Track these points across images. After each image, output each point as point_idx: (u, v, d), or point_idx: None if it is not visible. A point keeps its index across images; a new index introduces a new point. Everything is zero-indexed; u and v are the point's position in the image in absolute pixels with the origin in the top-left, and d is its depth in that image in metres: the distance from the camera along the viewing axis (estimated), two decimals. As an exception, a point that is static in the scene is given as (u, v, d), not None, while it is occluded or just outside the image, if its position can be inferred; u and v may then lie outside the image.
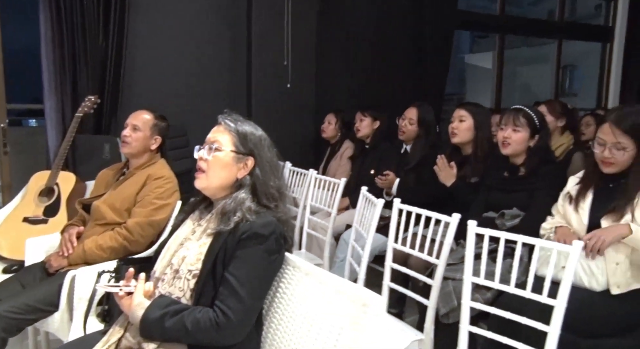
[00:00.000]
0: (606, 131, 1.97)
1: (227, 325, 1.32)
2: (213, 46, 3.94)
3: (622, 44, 5.81)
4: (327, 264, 2.83)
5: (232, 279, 1.35)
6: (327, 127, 3.80)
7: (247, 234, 1.37)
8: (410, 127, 3.09)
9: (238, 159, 1.48)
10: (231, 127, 1.49)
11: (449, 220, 1.95)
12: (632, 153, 1.94)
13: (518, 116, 2.35)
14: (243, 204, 1.42)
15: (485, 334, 1.81)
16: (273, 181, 1.49)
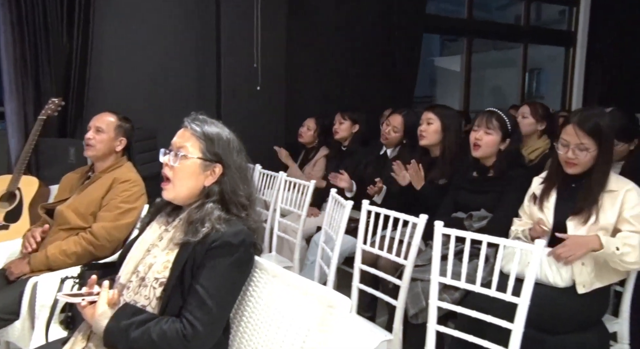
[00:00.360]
0: (570, 132, 2.02)
1: (194, 337, 1.28)
2: (182, 48, 3.90)
3: (584, 48, 5.99)
4: (297, 266, 2.82)
5: (200, 290, 1.31)
6: (305, 133, 3.73)
7: (217, 244, 1.34)
8: (395, 134, 3.10)
9: (205, 166, 1.43)
10: (198, 132, 1.44)
11: (417, 221, 1.97)
12: (594, 154, 1.99)
13: (491, 118, 2.37)
14: (211, 214, 1.38)
15: (452, 333, 1.83)
16: (242, 188, 1.45)
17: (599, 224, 1.97)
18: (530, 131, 3.06)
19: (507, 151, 2.37)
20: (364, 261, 2.33)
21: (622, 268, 1.94)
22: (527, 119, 3.07)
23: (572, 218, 2.01)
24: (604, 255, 1.90)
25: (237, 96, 3.92)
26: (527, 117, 3.08)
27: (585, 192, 2.00)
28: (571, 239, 1.94)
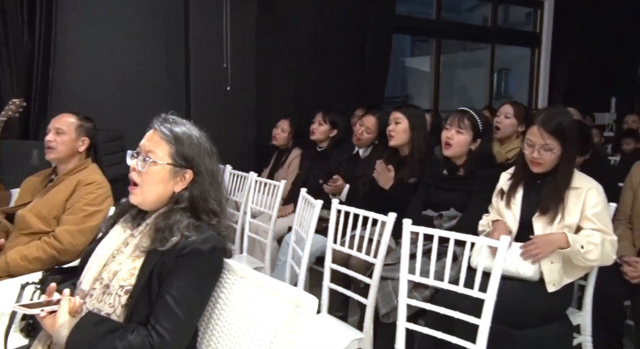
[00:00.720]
0: (534, 132, 2.06)
1: (161, 346, 1.24)
2: (149, 47, 3.84)
3: (548, 48, 6.14)
4: (268, 267, 2.81)
5: (169, 299, 1.27)
6: (279, 134, 3.68)
7: (186, 251, 1.30)
8: (368, 135, 3.11)
9: (175, 172, 1.38)
10: (167, 135, 1.38)
11: (386, 219, 1.98)
12: (558, 154, 2.04)
13: (463, 118, 2.38)
14: (180, 222, 1.34)
15: (421, 330, 1.85)
16: (213, 194, 1.41)
17: (564, 222, 2.02)
18: (511, 132, 2.99)
19: (478, 151, 2.39)
20: (335, 260, 2.33)
21: (584, 264, 2.00)
22: (509, 120, 2.99)
23: (538, 217, 2.06)
24: (570, 253, 1.95)
25: (206, 96, 3.88)
26: (510, 117, 2.99)
27: (551, 190, 2.05)
28: (540, 236, 1.99)
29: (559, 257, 1.99)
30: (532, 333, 1.92)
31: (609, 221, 2.06)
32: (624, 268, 2.27)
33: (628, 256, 2.30)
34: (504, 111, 3.01)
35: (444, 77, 5.97)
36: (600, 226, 2.00)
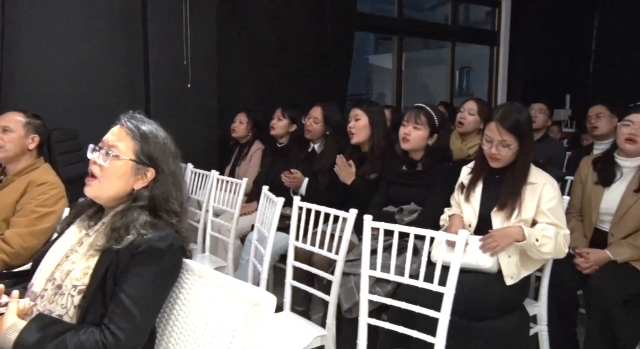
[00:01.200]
0: (493, 129, 2.11)
1: (115, 346, 1.22)
2: (106, 43, 3.72)
3: (506, 47, 6.28)
4: (231, 266, 2.78)
5: (124, 297, 1.24)
6: (238, 127, 3.70)
7: (142, 249, 1.28)
8: (316, 126, 3.10)
9: (137, 169, 1.36)
10: (133, 132, 1.36)
11: (347, 216, 1.99)
12: (515, 150, 2.10)
13: (419, 114, 2.43)
14: (137, 220, 1.31)
15: (383, 325, 1.86)
16: (175, 195, 1.39)
17: (521, 217, 2.07)
18: (474, 128, 3.02)
19: (435, 145, 2.44)
20: (298, 257, 2.32)
21: (539, 257, 2.06)
22: (473, 116, 3.01)
23: (496, 212, 2.11)
24: (526, 246, 2.01)
25: (167, 93, 3.80)
26: (474, 114, 3.01)
27: (509, 186, 2.10)
28: (497, 230, 2.04)
29: (516, 250, 2.05)
30: (491, 325, 1.96)
31: (563, 216, 2.12)
32: (576, 259, 2.35)
33: (580, 247, 2.38)
34: (468, 107, 3.03)
35: (408, 74, 6.03)
36: (555, 220, 2.06)
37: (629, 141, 2.33)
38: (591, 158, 2.55)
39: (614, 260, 2.29)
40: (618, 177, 2.39)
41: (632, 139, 2.32)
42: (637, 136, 2.31)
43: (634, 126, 2.32)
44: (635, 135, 2.31)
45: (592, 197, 2.43)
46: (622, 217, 2.34)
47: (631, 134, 2.32)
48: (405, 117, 2.47)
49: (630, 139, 2.32)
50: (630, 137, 2.32)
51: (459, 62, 6.58)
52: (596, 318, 2.20)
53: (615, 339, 2.18)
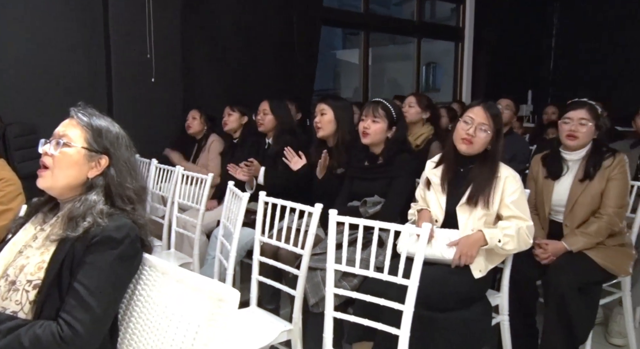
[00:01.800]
0: (477, 111, 2.17)
1: (74, 339, 1.19)
2: (65, 36, 3.61)
3: (471, 43, 6.40)
4: (196, 262, 2.76)
5: (80, 288, 1.23)
6: (192, 123, 3.70)
7: (98, 239, 1.26)
8: (266, 117, 3.15)
9: (90, 156, 1.35)
10: (84, 121, 1.36)
11: (312, 210, 1.99)
12: (489, 138, 2.15)
13: (377, 108, 2.48)
14: (94, 207, 1.30)
15: (348, 318, 1.88)
16: (130, 182, 1.39)
17: (487, 211, 2.12)
18: (416, 119, 3.32)
19: (395, 138, 2.50)
20: (265, 253, 2.32)
21: (504, 254, 2.14)
22: (413, 108, 3.33)
23: (462, 206, 2.15)
24: (489, 248, 2.09)
25: (130, 88, 3.72)
26: (414, 106, 3.34)
27: (476, 179, 2.14)
28: (462, 241, 2.08)
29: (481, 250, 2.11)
30: (455, 316, 2.00)
31: (526, 207, 2.18)
32: (535, 251, 2.42)
33: (539, 239, 2.46)
34: (408, 101, 3.39)
35: (375, 70, 6.08)
36: (518, 213, 2.12)
37: (570, 137, 2.43)
38: (540, 156, 2.64)
39: (570, 250, 2.37)
40: (565, 171, 2.49)
41: (573, 135, 2.42)
42: (577, 132, 2.41)
43: (572, 122, 2.42)
44: (575, 131, 2.41)
45: (544, 191, 2.53)
46: (572, 207, 2.44)
47: (571, 130, 2.41)
48: (364, 112, 2.52)
49: (571, 135, 2.42)
50: (570, 133, 2.42)
51: (425, 58, 6.67)
52: (553, 306, 2.27)
53: (571, 326, 2.26)
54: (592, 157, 2.44)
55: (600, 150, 2.45)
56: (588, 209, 2.42)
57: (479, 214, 2.13)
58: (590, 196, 2.41)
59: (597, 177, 2.41)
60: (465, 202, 2.14)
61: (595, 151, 2.45)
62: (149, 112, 3.78)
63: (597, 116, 2.43)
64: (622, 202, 2.44)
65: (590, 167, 2.42)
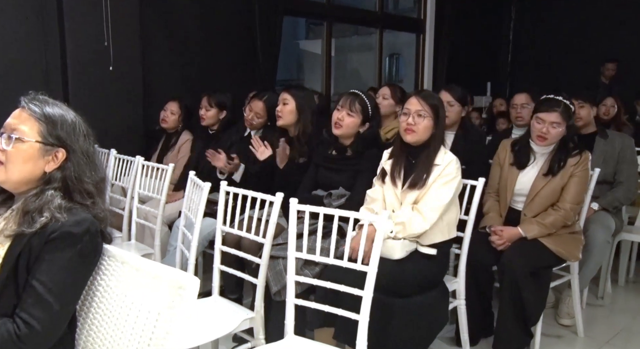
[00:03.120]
0: (412, 101, 2.22)
1: (31, 337, 1.17)
2: (16, 24, 3.46)
3: (432, 35, 6.49)
4: (158, 253, 2.74)
5: (38, 286, 1.20)
6: (168, 117, 3.56)
7: (56, 234, 1.22)
8: (258, 120, 3.10)
9: (46, 150, 1.30)
10: (37, 113, 1.29)
11: (273, 199, 2.01)
12: (430, 124, 2.18)
13: (355, 101, 2.45)
14: (51, 202, 1.26)
15: (309, 305, 1.91)
16: (89, 175, 1.34)
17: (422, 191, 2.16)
18: (389, 112, 3.18)
19: (366, 134, 2.48)
20: (227, 242, 2.33)
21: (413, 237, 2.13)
22: (387, 101, 3.19)
23: (404, 190, 2.20)
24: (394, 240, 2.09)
25: (87, 76, 3.61)
26: (388, 98, 3.19)
27: (419, 165, 2.19)
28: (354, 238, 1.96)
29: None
30: (412, 301, 2.06)
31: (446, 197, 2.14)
32: (491, 237, 2.51)
33: (495, 225, 2.54)
34: (382, 92, 3.23)
35: (338, 60, 6.09)
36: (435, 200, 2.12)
37: (540, 138, 2.49)
38: (510, 141, 2.71)
39: (524, 237, 2.46)
40: (532, 161, 2.57)
41: (543, 136, 2.49)
42: (547, 134, 2.47)
43: (544, 124, 2.48)
44: (545, 133, 2.47)
45: (508, 179, 2.60)
46: (533, 198, 2.52)
47: (542, 132, 2.48)
48: (340, 102, 2.48)
49: (541, 136, 2.49)
50: (541, 134, 2.49)
51: (389, 49, 6.73)
52: (507, 290, 2.37)
53: (524, 308, 2.36)
54: (558, 153, 2.51)
55: (567, 146, 2.51)
56: (547, 202, 2.51)
57: (416, 193, 2.16)
58: (552, 190, 2.49)
59: (560, 173, 2.48)
60: (409, 186, 2.17)
61: (563, 147, 2.51)
62: (108, 102, 3.68)
63: (570, 116, 2.48)
64: (580, 199, 2.54)
65: (555, 164, 2.49)
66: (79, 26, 3.54)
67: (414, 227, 2.10)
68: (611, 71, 5.79)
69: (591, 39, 6.45)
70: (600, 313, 3.10)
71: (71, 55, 3.54)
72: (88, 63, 3.60)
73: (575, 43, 6.62)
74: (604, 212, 2.98)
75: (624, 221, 3.23)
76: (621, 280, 3.49)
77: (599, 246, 2.85)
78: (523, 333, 2.44)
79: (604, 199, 2.98)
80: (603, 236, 2.87)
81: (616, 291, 3.40)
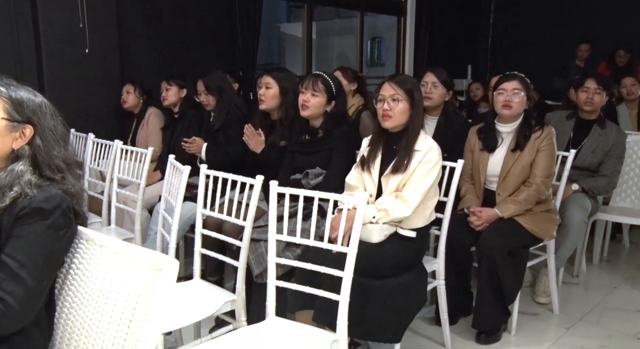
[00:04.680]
0: (385, 87, 2.21)
1: (5, 312, 1.17)
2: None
3: (413, 18, 6.48)
4: (138, 237, 2.72)
5: (9, 261, 1.20)
6: (126, 97, 3.62)
7: (26, 210, 1.23)
8: (205, 96, 3.08)
9: (13, 127, 1.30)
10: (2, 92, 1.30)
11: (253, 182, 2.01)
12: (406, 107, 2.17)
13: (317, 81, 2.48)
14: (21, 177, 1.27)
15: (290, 287, 1.92)
16: (58, 150, 1.35)
17: (406, 180, 2.16)
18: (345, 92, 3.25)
19: (334, 112, 2.51)
20: (208, 226, 2.32)
21: (397, 221, 2.14)
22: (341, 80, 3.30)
23: (385, 176, 2.20)
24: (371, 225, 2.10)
25: (62, 59, 3.54)
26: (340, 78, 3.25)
27: (400, 151, 2.19)
28: (334, 219, 1.97)
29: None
30: (390, 282, 2.09)
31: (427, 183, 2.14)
32: (470, 218, 2.55)
33: (473, 207, 2.58)
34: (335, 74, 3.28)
35: (320, 44, 6.05)
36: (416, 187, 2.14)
37: (505, 106, 2.55)
38: (476, 128, 2.75)
39: (501, 217, 2.51)
40: (500, 143, 2.63)
41: (508, 104, 2.55)
42: (511, 102, 2.54)
43: (507, 93, 2.55)
44: (509, 101, 2.54)
45: (480, 163, 2.65)
46: (505, 177, 2.58)
47: (506, 101, 2.54)
48: (304, 85, 2.51)
49: (506, 105, 2.55)
50: (505, 103, 2.55)
51: (371, 32, 6.70)
52: (485, 270, 2.42)
53: (501, 288, 2.42)
54: (522, 129, 2.58)
55: (529, 122, 2.59)
56: (519, 179, 2.56)
57: (398, 179, 2.16)
58: (521, 166, 2.55)
59: (527, 149, 2.54)
60: (391, 171, 2.18)
61: (526, 123, 2.59)
62: (84, 85, 3.62)
63: (527, 86, 2.57)
64: (549, 172, 2.60)
65: (521, 138, 2.55)
66: (52, 6, 3.46)
67: (396, 213, 2.12)
68: (584, 52, 5.83)
69: (570, 22, 6.51)
70: (575, 291, 3.18)
71: (45, 37, 3.46)
72: (63, 45, 3.52)
73: (554, 26, 6.67)
74: (582, 194, 3.04)
75: (599, 201, 3.31)
76: (595, 259, 3.58)
77: (576, 226, 2.91)
78: (501, 311, 2.50)
79: (585, 183, 3.06)
80: (580, 217, 2.93)
81: (590, 269, 3.48)
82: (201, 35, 4.40)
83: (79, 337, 1.33)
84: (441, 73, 2.96)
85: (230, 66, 4.39)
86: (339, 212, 2.09)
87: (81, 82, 3.61)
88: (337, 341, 1.76)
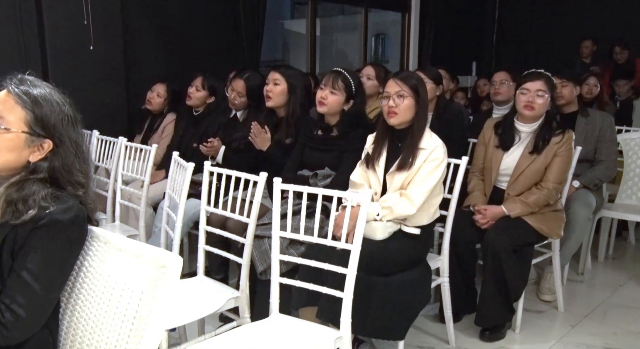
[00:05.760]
0: (390, 84, 2.20)
1: (16, 324, 1.16)
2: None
3: (417, 14, 6.45)
4: (142, 234, 2.73)
5: (24, 274, 1.18)
6: (154, 99, 3.51)
7: (44, 222, 1.19)
8: (240, 99, 3.06)
9: (31, 141, 1.24)
10: (24, 100, 1.23)
11: (257, 179, 2.00)
12: (412, 103, 2.16)
13: (337, 79, 2.44)
14: (36, 193, 1.21)
15: (294, 283, 1.92)
16: (79, 166, 1.30)
17: (411, 178, 2.15)
18: (373, 93, 3.14)
19: (351, 111, 2.47)
20: (212, 223, 2.32)
21: (401, 219, 2.14)
22: (371, 81, 3.15)
23: (390, 173, 2.19)
24: (375, 223, 2.09)
25: (67, 56, 3.54)
26: (372, 79, 3.16)
27: (405, 148, 2.18)
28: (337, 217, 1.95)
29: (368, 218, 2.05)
30: (394, 279, 2.08)
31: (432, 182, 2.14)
32: (475, 216, 2.54)
33: (479, 204, 2.57)
34: (366, 72, 3.18)
35: (324, 41, 6.03)
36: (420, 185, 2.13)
37: (528, 107, 2.51)
38: (494, 121, 2.72)
39: (508, 215, 2.49)
40: (517, 141, 2.59)
41: (530, 105, 2.51)
42: (534, 103, 2.50)
43: (530, 93, 2.51)
44: (532, 102, 2.50)
45: (493, 159, 2.62)
46: (517, 177, 2.55)
47: (528, 102, 2.50)
48: (323, 81, 2.48)
49: (528, 105, 2.51)
50: (527, 104, 2.51)
51: (375, 29, 6.68)
52: (490, 267, 2.41)
53: (506, 285, 2.41)
54: (542, 131, 2.53)
55: (550, 125, 2.54)
56: (531, 181, 2.54)
57: (403, 176, 2.15)
58: (536, 169, 2.52)
59: (544, 152, 2.51)
60: (396, 168, 2.17)
61: (546, 125, 2.54)
62: (89, 82, 3.62)
63: (553, 87, 2.53)
64: (563, 178, 2.57)
65: (540, 141, 2.51)
66: (57, 4, 3.46)
67: (400, 211, 2.11)
68: (587, 49, 5.78)
69: (575, 19, 6.47)
70: (580, 289, 3.17)
71: (49, 34, 3.47)
72: (67, 42, 3.53)
73: (559, 23, 6.62)
74: (585, 190, 3.02)
75: (605, 198, 3.29)
76: (601, 256, 3.56)
77: (580, 223, 2.90)
78: (505, 309, 2.49)
79: (585, 177, 3.03)
80: (584, 214, 2.92)
81: (596, 267, 3.47)
82: (205, 32, 4.39)
83: (83, 333, 1.33)
84: (430, 70, 2.97)
85: (233, 63, 4.39)
86: (342, 210, 2.09)
87: (86, 79, 3.61)
88: (341, 338, 1.76)
